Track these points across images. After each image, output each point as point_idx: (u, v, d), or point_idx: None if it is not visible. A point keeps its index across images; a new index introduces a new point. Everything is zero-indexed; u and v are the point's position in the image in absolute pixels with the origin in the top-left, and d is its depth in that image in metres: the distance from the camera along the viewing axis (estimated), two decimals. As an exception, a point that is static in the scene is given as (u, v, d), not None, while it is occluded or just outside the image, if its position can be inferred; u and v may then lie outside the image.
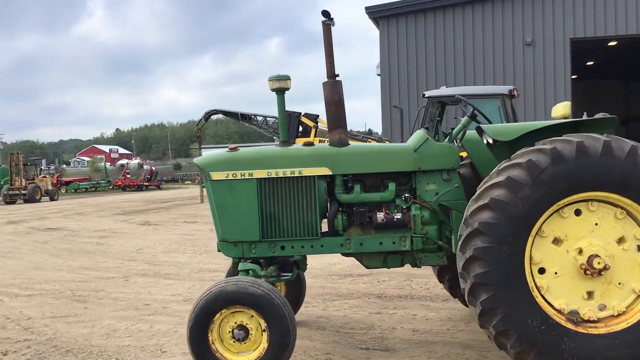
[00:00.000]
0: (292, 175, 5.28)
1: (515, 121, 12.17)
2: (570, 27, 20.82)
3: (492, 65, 21.05)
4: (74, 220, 20.41)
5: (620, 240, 4.60)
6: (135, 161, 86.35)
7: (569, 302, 4.61)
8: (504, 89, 12.48)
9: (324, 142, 14.41)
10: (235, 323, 4.76)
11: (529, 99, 20.42)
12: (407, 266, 8.80)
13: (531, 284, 4.54)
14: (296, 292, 6.35)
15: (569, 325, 4.51)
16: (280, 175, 5.29)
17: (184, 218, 19.01)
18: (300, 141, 15.05)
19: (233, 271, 6.28)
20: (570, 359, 4.44)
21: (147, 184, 53.74)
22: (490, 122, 5.58)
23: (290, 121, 14.55)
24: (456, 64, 21.20)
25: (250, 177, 5.29)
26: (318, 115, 14.82)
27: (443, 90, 12.88)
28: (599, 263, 4.47)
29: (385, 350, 5.44)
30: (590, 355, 4.43)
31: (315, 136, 14.76)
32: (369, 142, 13.59)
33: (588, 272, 4.52)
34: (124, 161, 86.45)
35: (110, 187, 53.44)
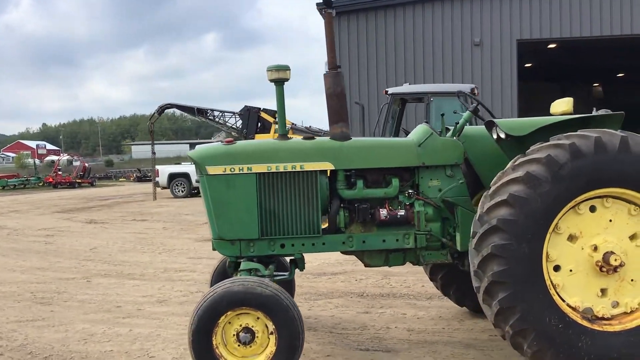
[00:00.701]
0: (294, 170, 5.05)
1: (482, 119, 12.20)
2: (517, 28, 21.22)
3: (441, 64, 21.22)
4: (12, 218, 19.43)
5: (633, 237, 4.58)
6: (65, 157, 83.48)
7: (584, 300, 4.56)
8: (465, 87, 12.53)
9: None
10: (241, 326, 4.50)
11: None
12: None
13: (548, 282, 4.46)
14: (289, 288, 6.13)
15: (585, 323, 4.46)
16: (281, 169, 5.05)
17: (132, 216, 18.36)
18: (259, 137, 14.76)
19: (220, 271, 6.03)
20: (587, 357, 4.38)
21: (80, 181, 51.84)
22: (494, 117, 5.47)
23: (250, 116, 14.21)
24: (406, 62, 21.27)
25: (249, 172, 5.03)
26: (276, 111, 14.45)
27: (406, 87, 12.85)
28: (615, 260, 4.43)
29: (387, 351, 5.28)
30: (607, 353, 4.39)
31: (275, 132, 14.43)
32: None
33: (604, 269, 4.48)
34: (54, 157, 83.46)
35: (41, 184, 51.34)
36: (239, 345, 4.50)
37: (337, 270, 8.82)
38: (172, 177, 26.67)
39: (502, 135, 4.87)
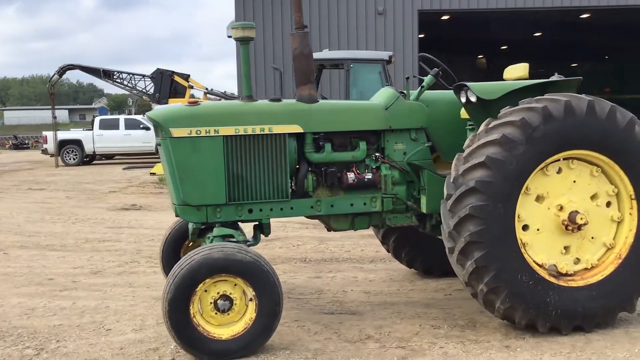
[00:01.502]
0: (262, 132, 4.90)
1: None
2: (419, -2, 21.67)
3: (346, 33, 21.33)
4: None
5: (594, 197, 4.83)
6: None
7: (549, 257, 4.77)
8: (384, 54, 12.69)
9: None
10: (218, 293, 4.36)
11: (380, 67, 20.95)
12: (315, 229, 8.69)
13: (519, 241, 4.62)
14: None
15: (552, 280, 4.67)
16: (250, 132, 4.88)
17: (26, 185, 17.25)
18: (173, 101, 14.25)
19: (171, 240, 5.78)
20: (555, 312, 4.60)
21: (-51, 149, 48.28)
22: (456, 81, 5.53)
23: (162, 80, 13.60)
24: (312, 30, 21.18)
25: (216, 135, 4.82)
26: (189, 75, 13.94)
27: (326, 53, 12.81)
28: (581, 219, 4.65)
29: (352, 314, 5.30)
30: (573, 307, 4.63)
31: (191, 97, 13.89)
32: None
33: (569, 227, 4.70)
34: None
35: None
36: (216, 313, 4.37)
37: (270, 237, 8.70)
38: (63, 143, 25.27)
39: (473, 99, 4.93)
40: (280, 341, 4.67)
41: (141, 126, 25.75)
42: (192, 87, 13.58)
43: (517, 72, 5.58)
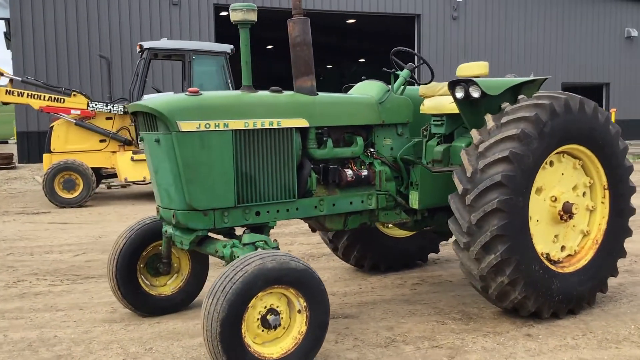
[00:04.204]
0: (271, 126, 4.45)
1: (232, 80, 11.86)
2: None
3: (139, 23, 20.15)
4: None
5: (574, 188, 5.19)
6: None
7: (545, 247, 5.04)
8: (226, 47, 12.21)
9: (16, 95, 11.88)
10: (265, 307, 3.87)
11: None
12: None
13: (531, 233, 4.80)
14: (204, 266, 5.41)
15: (552, 267, 4.94)
16: (259, 126, 4.40)
17: None
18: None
19: (126, 254, 4.95)
20: (558, 297, 4.88)
21: None
22: (434, 76, 5.55)
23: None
24: (111, 21, 19.64)
25: (226, 129, 4.27)
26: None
27: (164, 43, 11.93)
28: (575, 209, 4.98)
29: (346, 317, 5.05)
30: (570, 292, 4.96)
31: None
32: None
33: (564, 217, 5.00)
34: None
35: None
36: (262, 331, 3.87)
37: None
38: None
39: (476, 95, 4.98)
40: (311, 355, 4.27)
41: None
42: (1, 75, 11.65)
43: (477, 70, 5.78)
